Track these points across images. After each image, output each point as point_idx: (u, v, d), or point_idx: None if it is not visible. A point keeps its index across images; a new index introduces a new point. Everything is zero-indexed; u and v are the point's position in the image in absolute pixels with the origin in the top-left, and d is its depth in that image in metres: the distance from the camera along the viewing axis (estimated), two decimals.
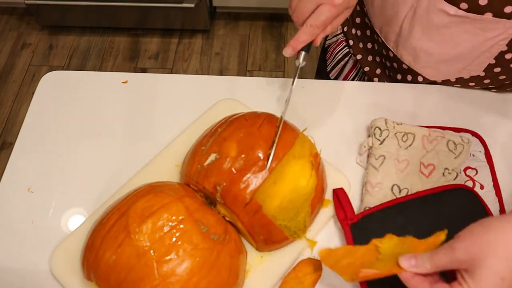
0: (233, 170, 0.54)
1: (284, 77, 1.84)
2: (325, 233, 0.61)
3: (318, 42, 0.60)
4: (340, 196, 0.61)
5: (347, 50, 0.87)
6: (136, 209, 0.51)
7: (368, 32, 0.80)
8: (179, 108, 0.73)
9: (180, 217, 0.51)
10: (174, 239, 0.49)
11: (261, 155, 0.55)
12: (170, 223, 0.50)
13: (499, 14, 0.58)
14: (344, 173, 0.65)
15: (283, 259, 0.58)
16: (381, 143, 0.65)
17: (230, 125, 0.59)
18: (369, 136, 0.68)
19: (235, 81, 0.76)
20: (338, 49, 0.88)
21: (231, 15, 2.10)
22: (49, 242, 0.60)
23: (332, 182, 0.63)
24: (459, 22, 0.61)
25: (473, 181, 0.64)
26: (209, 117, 0.69)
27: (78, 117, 0.72)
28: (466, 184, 0.63)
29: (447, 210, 0.59)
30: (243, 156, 0.55)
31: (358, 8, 0.81)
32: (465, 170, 0.65)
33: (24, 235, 0.62)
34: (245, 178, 0.54)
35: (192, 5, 1.85)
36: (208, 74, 1.90)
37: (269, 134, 0.57)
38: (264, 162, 0.55)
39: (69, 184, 0.66)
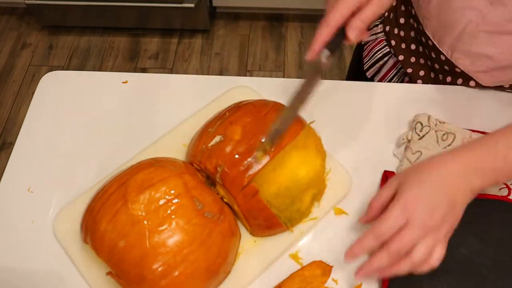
0: (235, 153, 0.56)
1: (284, 77, 1.84)
2: (321, 225, 0.61)
3: (352, 38, 0.52)
4: (390, 177, 0.61)
5: (387, 49, 0.85)
6: (136, 180, 0.53)
7: (412, 33, 0.78)
8: (179, 108, 0.73)
9: (177, 192, 0.52)
10: (168, 211, 0.51)
11: (263, 141, 0.56)
12: (167, 196, 0.52)
13: None
14: (348, 171, 0.65)
15: (275, 246, 0.59)
16: (420, 138, 0.65)
17: (238, 110, 0.61)
18: (410, 130, 0.68)
19: (235, 81, 0.76)
20: (378, 48, 0.86)
21: (231, 15, 2.10)
22: (49, 242, 0.60)
23: (334, 176, 0.63)
24: None
25: (509, 188, 0.63)
26: (221, 102, 0.70)
27: (78, 117, 0.73)
28: (500, 191, 0.62)
29: (488, 216, 0.59)
30: (246, 140, 0.56)
31: (403, 8, 0.79)
32: None
33: (24, 235, 0.62)
34: (245, 162, 0.55)
35: (192, 5, 1.85)
36: (208, 74, 1.90)
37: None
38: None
39: (69, 184, 0.66)
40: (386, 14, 0.84)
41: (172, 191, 0.52)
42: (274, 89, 0.75)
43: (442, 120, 0.67)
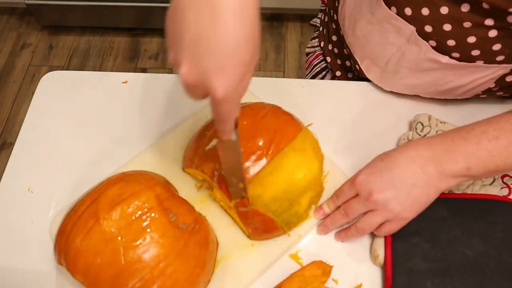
0: None
1: (284, 77, 1.84)
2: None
3: None
4: None
5: (325, 64, 0.84)
6: (106, 196, 0.52)
7: (345, 51, 0.77)
8: (179, 108, 0.72)
9: (150, 205, 0.51)
10: (142, 225, 0.50)
11: (261, 144, 0.55)
12: (139, 211, 0.51)
13: (490, 61, 0.58)
14: (344, 171, 0.65)
15: (273, 249, 0.59)
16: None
17: None
18: (410, 130, 0.68)
19: None
20: (316, 62, 0.86)
21: None
22: (49, 242, 0.60)
23: (332, 179, 0.63)
24: (450, 68, 0.61)
25: (510, 188, 0.63)
26: None
27: (78, 117, 0.72)
28: (501, 191, 0.62)
29: (491, 216, 0.59)
30: (243, 144, 0.56)
31: (334, 26, 0.78)
32: (502, 177, 0.63)
33: (24, 235, 0.62)
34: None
35: None
36: None
37: (272, 124, 0.58)
38: (263, 152, 0.55)
39: (69, 184, 0.66)
40: (321, 28, 0.83)
41: (145, 205, 0.51)
42: (274, 90, 0.75)
43: (442, 120, 0.67)
